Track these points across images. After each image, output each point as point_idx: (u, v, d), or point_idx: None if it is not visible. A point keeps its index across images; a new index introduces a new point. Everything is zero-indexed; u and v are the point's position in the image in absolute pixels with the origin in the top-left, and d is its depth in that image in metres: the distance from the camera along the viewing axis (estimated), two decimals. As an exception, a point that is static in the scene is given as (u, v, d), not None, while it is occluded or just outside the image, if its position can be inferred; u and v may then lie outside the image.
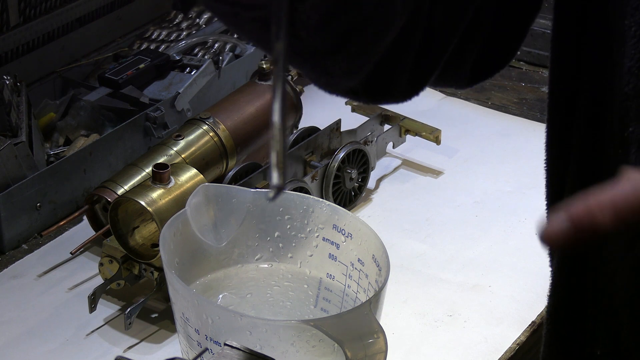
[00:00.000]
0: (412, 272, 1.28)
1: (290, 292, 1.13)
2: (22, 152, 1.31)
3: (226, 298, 1.11)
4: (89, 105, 1.45)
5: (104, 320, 1.19)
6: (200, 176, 1.19)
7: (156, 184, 1.16)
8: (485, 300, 1.25)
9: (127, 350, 1.16)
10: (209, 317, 0.96)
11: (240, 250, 1.12)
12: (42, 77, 1.52)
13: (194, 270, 1.09)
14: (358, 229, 1.07)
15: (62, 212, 1.34)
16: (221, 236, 1.10)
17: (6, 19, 1.45)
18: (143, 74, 1.48)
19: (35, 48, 1.50)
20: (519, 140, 1.52)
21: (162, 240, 1.03)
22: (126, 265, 1.18)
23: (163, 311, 1.20)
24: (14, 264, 1.28)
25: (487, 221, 1.38)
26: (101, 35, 1.61)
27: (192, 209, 1.06)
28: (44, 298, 1.23)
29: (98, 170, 1.37)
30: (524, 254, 1.32)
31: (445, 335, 1.20)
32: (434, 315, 1.22)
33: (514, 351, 1.18)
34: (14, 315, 1.20)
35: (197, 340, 0.98)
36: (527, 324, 1.21)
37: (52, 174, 1.32)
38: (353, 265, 1.08)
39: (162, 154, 1.29)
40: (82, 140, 1.41)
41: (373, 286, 1.05)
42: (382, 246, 1.04)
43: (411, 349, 1.17)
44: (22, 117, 1.34)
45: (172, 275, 0.98)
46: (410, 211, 1.40)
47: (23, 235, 1.31)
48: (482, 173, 1.47)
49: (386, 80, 0.78)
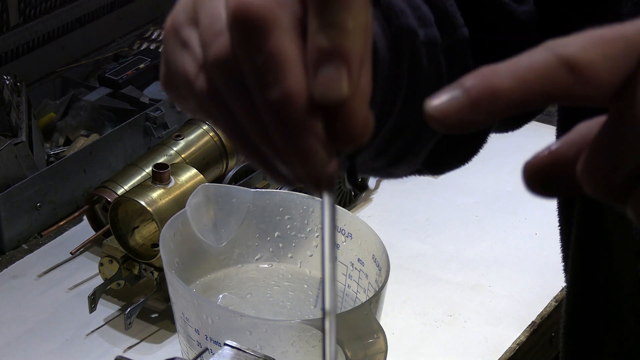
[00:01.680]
0: (412, 272, 1.28)
1: (290, 292, 1.13)
2: (22, 152, 1.30)
3: (226, 298, 1.11)
4: (89, 105, 1.45)
5: (104, 320, 1.19)
6: (200, 176, 1.19)
7: (156, 184, 1.16)
8: (485, 300, 1.25)
9: (127, 350, 1.16)
10: (209, 317, 0.96)
11: (240, 250, 1.12)
12: (42, 77, 1.52)
13: (194, 270, 1.09)
14: (358, 229, 1.07)
15: (62, 212, 1.34)
16: (221, 236, 1.10)
17: (6, 19, 1.45)
18: (143, 74, 1.48)
19: (35, 48, 1.50)
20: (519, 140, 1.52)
21: (162, 240, 1.03)
22: (126, 265, 1.18)
23: (163, 311, 1.20)
24: (14, 264, 1.28)
25: (487, 221, 1.38)
26: (101, 35, 1.61)
27: (192, 209, 1.06)
28: (44, 298, 1.23)
29: (98, 170, 1.37)
30: (524, 254, 1.32)
31: (445, 335, 1.20)
32: (434, 315, 1.22)
33: (514, 351, 1.18)
34: (14, 315, 1.20)
35: (197, 340, 0.98)
36: (527, 324, 1.21)
37: (52, 174, 1.32)
38: (353, 265, 1.08)
39: (162, 154, 1.29)
40: (82, 140, 1.41)
41: (373, 286, 1.05)
42: (382, 246, 1.04)
43: (411, 349, 1.17)
44: (22, 117, 1.34)
45: (172, 275, 0.98)
46: (410, 211, 1.40)
47: (23, 235, 1.31)
48: (482, 173, 1.47)
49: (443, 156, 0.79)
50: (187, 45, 0.51)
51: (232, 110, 0.50)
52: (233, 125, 0.50)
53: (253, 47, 0.47)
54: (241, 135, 0.50)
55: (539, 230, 1.36)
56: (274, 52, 0.47)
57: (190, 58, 0.51)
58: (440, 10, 0.71)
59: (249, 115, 0.49)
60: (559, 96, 0.45)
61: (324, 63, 0.47)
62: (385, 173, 0.77)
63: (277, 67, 0.47)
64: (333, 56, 0.47)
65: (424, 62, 0.69)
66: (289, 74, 0.47)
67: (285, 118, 0.48)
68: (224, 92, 0.49)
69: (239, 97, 0.49)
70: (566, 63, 0.44)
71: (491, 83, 0.45)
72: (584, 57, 0.44)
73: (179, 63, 0.52)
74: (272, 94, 0.47)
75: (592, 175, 0.45)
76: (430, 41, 0.70)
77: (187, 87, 0.51)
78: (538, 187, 0.47)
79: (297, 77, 0.47)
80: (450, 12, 0.72)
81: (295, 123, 0.47)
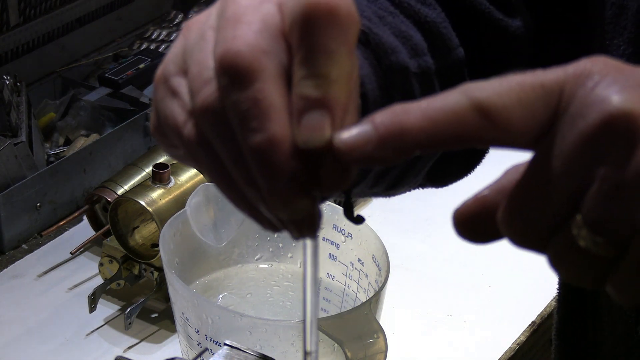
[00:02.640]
0: (412, 272, 1.28)
1: (290, 292, 1.13)
2: (22, 152, 1.30)
3: (226, 298, 1.11)
4: (89, 105, 1.45)
5: (104, 320, 1.19)
6: (200, 176, 1.19)
7: (156, 184, 1.16)
8: (485, 300, 1.25)
9: (127, 350, 1.16)
10: (209, 317, 0.96)
11: (240, 250, 1.12)
12: (42, 77, 1.52)
13: (194, 270, 1.09)
14: (358, 229, 1.07)
15: (62, 212, 1.34)
16: (221, 236, 1.10)
17: (6, 19, 1.45)
18: (143, 74, 1.48)
19: (35, 48, 1.50)
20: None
21: (162, 240, 1.03)
22: (126, 265, 1.18)
23: (163, 311, 1.20)
24: (14, 264, 1.28)
25: (487, 221, 1.38)
26: (101, 35, 1.61)
27: (192, 209, 1.06)
28: (44, 298, 1.23)
29: (98, 170, 1.37)
30: (524, 254, 1.31)
31: (445, 335, 1.20)
32: (434, 315, 1.22)
33: (514, 351, 1.18)
34: (14, 315, 1.20)
35: (197, 340, 0.98)
36: (527, 324, 1.21)
37: (52, 174, 1.32)
38: (353, 265, 1.08)
39: (162, 154, 1.29)
40: (82, 140, 1.41)
41: (373, 286, 1.05)
42: (382, 246, 1.04)
43: (411, 349, 1.17)
44: (22, 117, 1.34)
45: (172, 275, 0.98)
46: (410, 211, 1.40)
47: (23, 235, 1.31)
48: (482, 173, 1.47)
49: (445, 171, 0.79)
50: (176, 94, 0.52)
51: (219, 157, 0.51)
52: (220, 171, 0.51)
53: (239, 93, 0.48)
54: (227, 182, 0.51)
55: (539, 230, 1.36)
56: (258, 98, 0.48)
57: (179, 106, 0.52)
58: (434, 34, 0.71)
59: (235, 161, 0.50)
60: (470, 139, 0.45)
61: (308, 110, 0.48)
62: (386, 195, 0.78)
63: (261, 112, 0.48)
64: (317, 104, 0.48)
65: (416, 93, 0.69)
66: (272, 119, 0.48)
67: (268, 163, 0.48)
68: (211, 138, 0.50)
69: (225, 143, 0.50)
70: (479, 107, 0.44)
71: (400, 121, 0.45)
72: (497, 102, 0.44)
73: (168, 111, 0.53)
74: (255, 139, 0.48)
75: (510, 224, 0.45)
76: (423, 71, 0.70)
77: (175, 134, 0.52)
78: (467, 234, 0.48)
79: (281, 123, 0.48)
80: (444, 35, 0.72)
81: (278, 168, 0.48)
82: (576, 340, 0.82)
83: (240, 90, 0.48)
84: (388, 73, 0.67)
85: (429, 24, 0.71)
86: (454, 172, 0.80)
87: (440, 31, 0.72)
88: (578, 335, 0.81)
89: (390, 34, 0.68)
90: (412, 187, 0.78)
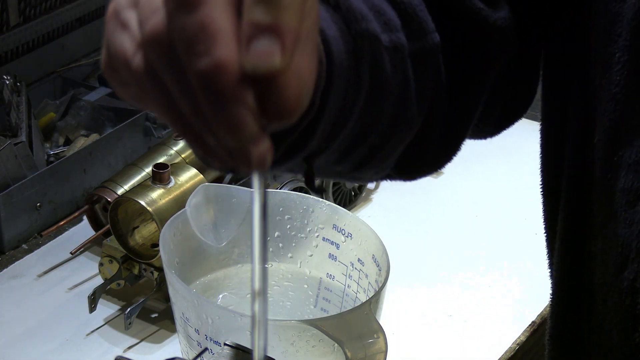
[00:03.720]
0: (412, 272, 1.28)
1: (290, 292, 1.13)
2: (22, 152, 1.31)
3: (226, 298, 1.11)
4: (89, 105, 1.45)
5: (104, 320, 1.19)
6: (200, 176, 1.19)
7: (156, 184, 1.16)
8: (485, 300, 1.25)
9: (127, 350, 1.16)
10: (209, 317, 0.96)
11: (240, 250, 1.12)
12: (42, 77, 1.52)
13: (194, 270, 1.09)
14: (358, 229, 1.07)
15: (62, 212, 1.34)
16: (221, 236, 1.10)
17: (6, 19, 1.45)
18: (143, 74, 1.48)
19: (35, 48, 1.50)
20: (519, 140, 1.52)
21: (162, 240, 1.03)
22: (126, 265, 1.18)
23: (163, 311, 1.20)
24: (14, 264, 1.28)
25: (487, 221, 1.38)
26: (101, 35, 1.61)
27: (192, 209, 1.06)
28: (44, 298, 1.23)
29: (98, 170, 1.37)
30: (524, 254, 1.32)
31: (445, 335, 1.20)
32: (434, 315, 1.22)
33: (514, 351, 1.18)
34: (14, 315, 1.20)
35: (197, 340, 0.98)
36: (527, 324, 1.21)
37: (52, 174, 1.32)
38: (353, 265, 1.08)
39: (162, 154, 1.29)
40: (82, 140, 1.41)
41: (373, 286, 1.05)
42: (382, 246, 1.04)
43: (411, 349, 1.17)
44: (22, 117, 1.34)
45: (172, 275, 0.98)
46: (410, 211, 1.40)
47: (23, 235, 1.31)
48: (481, 173, 1.47)
49: (415, 162, 0.78)
50: (126, 27, 0.52)
51: (166, 86, 0.50)
52: (166, 102, 0.51)
53: (185, 18, 0.48)
54: (174, 111, 0.51)
55: (539, 230, 1.36)
56: (205, 22, 0.48)
57: (128, 38, 0.52)
58: (409, 15, 0.71)
59: (182, 89, 0.49)
60: None
61: (258, 36, 0.48)
62: (350, 177, 0.77)
63: (208, 37, 0.48)
64: (267, 30, 0.47)
65: (387, 67, 0.69)
66: (219, 43, 0.47)
67: (215, 88, 0.48)
68: (159, 67, 0.50)
69: (172, 71, 0.49)
70: None
71: None
72: None
73: (117, 44, 0.52)
74: (202, 63, 0.48)
75: None
76: (395, 46, 0.69)
77: (125, 67, 0.52)
78: None
79: (228, 47, 0.48)
80: (419, 17, 0.71)
81: (225, 93, 0.48)
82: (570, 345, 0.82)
83: (187, 15, 0.48)
84: (357, 39, 0.66)
85: (404, 4, 0.71)
86: (427, 162, 0.79)
87: (416, 13, 0.71)
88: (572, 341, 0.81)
89: (362, 3, 0.68)
90: (380, 173, 0.77)
